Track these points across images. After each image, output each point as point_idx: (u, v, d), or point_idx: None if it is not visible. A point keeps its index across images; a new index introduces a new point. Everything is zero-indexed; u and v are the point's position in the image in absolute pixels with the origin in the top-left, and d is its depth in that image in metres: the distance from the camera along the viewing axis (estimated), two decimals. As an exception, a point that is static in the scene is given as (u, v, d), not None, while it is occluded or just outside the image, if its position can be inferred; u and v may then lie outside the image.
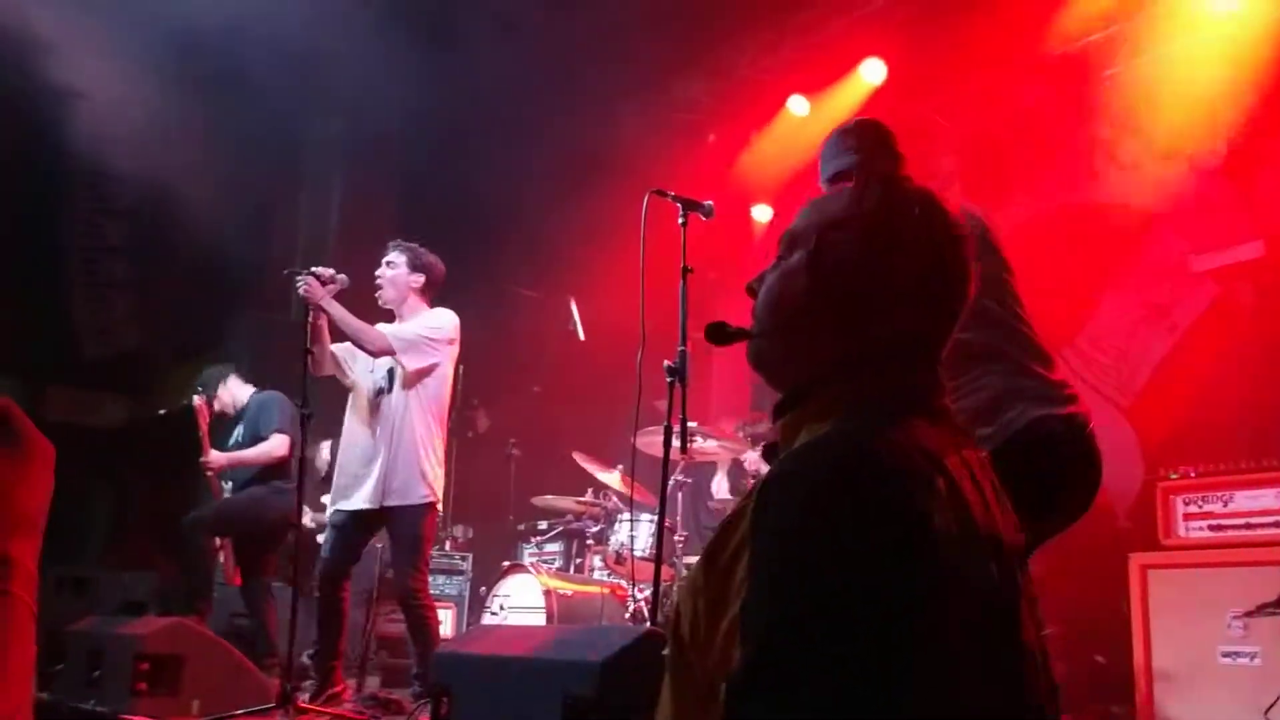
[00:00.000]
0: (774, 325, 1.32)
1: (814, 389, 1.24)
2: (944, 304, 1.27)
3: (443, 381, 4.66)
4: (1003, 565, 1.11)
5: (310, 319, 4.43)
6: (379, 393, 4.61)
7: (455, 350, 4.70)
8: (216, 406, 5.75)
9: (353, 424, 4.69)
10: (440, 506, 4.66)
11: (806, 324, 1.27)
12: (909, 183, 1.32)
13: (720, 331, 1.47)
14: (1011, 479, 2.23)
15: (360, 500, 4.52)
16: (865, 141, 2.82)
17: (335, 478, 4.68)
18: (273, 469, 5.52)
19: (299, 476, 4.38)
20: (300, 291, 4.41)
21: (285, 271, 4.65)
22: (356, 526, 4.60)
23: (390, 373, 4.61)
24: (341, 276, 4.53)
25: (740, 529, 1.13)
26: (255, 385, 5.87)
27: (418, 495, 4.48)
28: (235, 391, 5.79)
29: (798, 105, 7.39)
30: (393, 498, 4.48)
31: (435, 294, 4.78)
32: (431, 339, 4.58)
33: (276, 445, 5.44)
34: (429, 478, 4.53)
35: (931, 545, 1.00)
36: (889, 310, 1.23)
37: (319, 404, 4.52)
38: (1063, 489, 2.43)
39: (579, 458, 5.99)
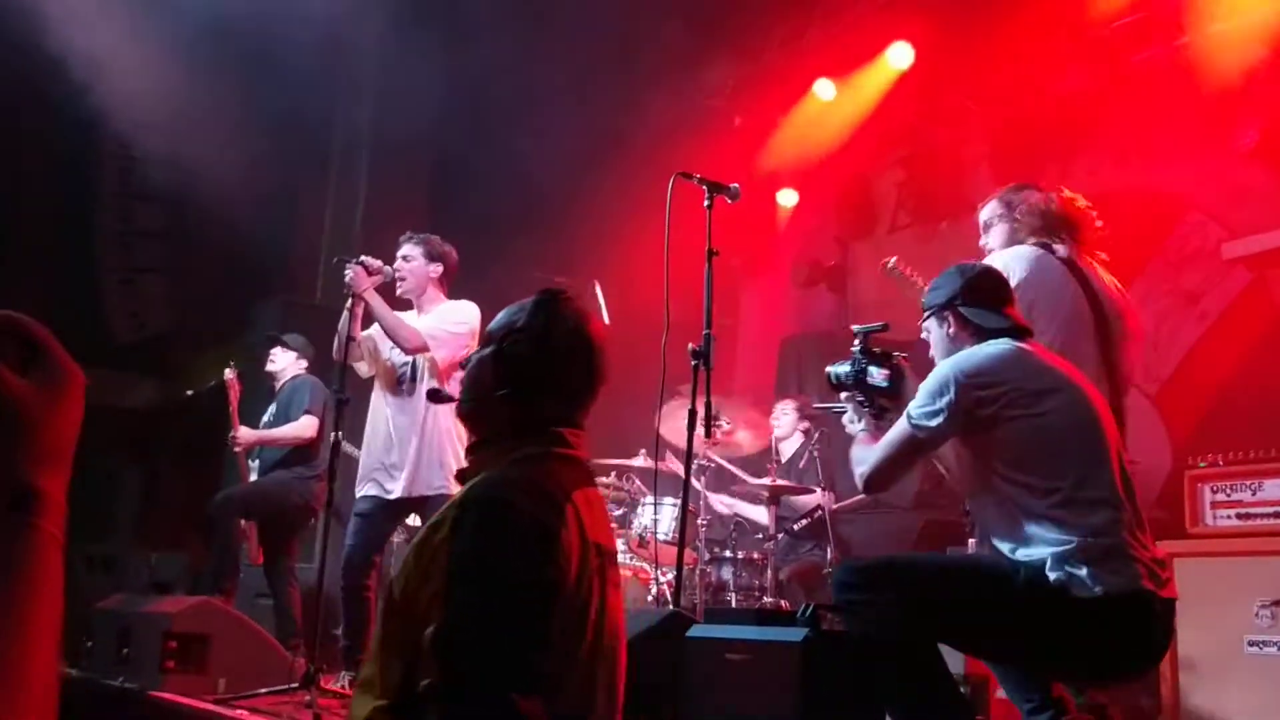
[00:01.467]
0: (470, 398, 2.00)
1: (494, 442, 1.93)
2: (584, 393, 1.96)
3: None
4: (602, 561, 1.82)
5: (349, 307, 4.46)
6: (400, 382, 4.63)
7: (476, 342, 4.71)
8: (270, 366, 5.78)
9: (378, 414, 4.71)
10: None
11: (490, 399, 1.91)
12: (572, 304, 2.00)
13: (436, 395, 2.35)
14: (1102, 633, 2.30)
15: (387, 489, 4.55)
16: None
17: (362, 466, 4.69)
18: (299, 453, 5.54)
19: (331, 461, 4.40)
20: (346, 279, 4.43)
21: (335, 259, 4.67)
22: (383, 515, 4.63)
23: (413, 364, 4.62)
24: (388, 269, 4.55)
25: (443, 530, 1.75)
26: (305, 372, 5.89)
27: (443, 486, 4.50)
28: (290, 367, 5.79)
29: (824, 89, 7.35)
30: (421, 488, 4.50)
31: (451, 282, 4.80)
32: (456, 332, 4.59)
33: (304, 427, 5.46)
34: (453, 471, 4.55)
35: (555, 547, 1.70)
36: (546, 394, 1.91)
37: (354, 390, 4.54)
38: (1137, 660, 2.63)
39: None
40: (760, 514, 5.70)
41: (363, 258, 4.52)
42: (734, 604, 5.17)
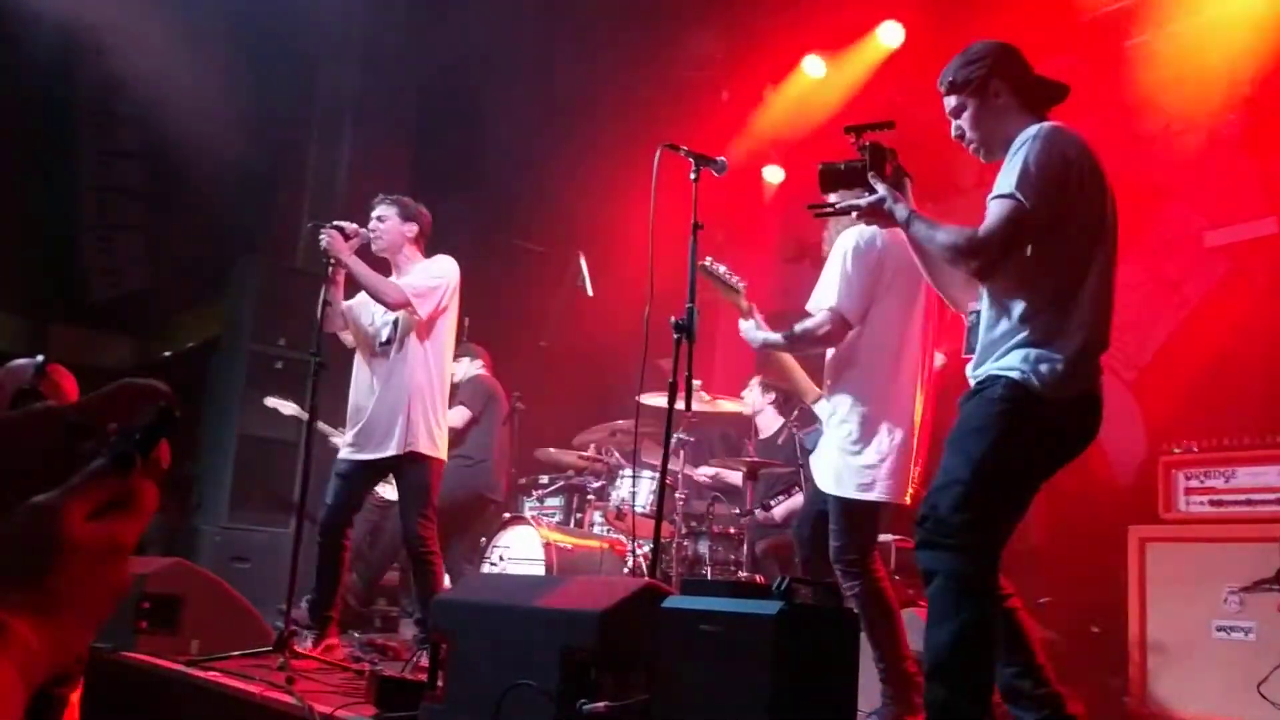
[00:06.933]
0: None
1: None
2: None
3: (446, 334, 4.68)
4: None
5: (329, 272, 4.46)
6: (383, 345, 4.65)
7: (457, 299, 4.71)
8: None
9: (359, 377, 4.74)
10: (444, 459, 4.68)
11: None
12: None
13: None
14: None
15: (367, 451, 4.57)
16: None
17: (346, 429, 4.75)
18: (455, 441, 5.48)
19: (307, 435, 4.42)
20: (323, 245, 4.44)
21: (310, 225, 4.66)
22: (362, 476, 4.65)
23: (394, 325, 4.63)
24: (363, 231, 4.56)
25: None
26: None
27: (423, 447, 4.51)
28: (464, 368, 6.12)
29: (813, 66, 7.31)
30: (394, 448, 4.51)
31: (426, 242, 4.80)
32: (435, 286, 4.60)
33: (452, 417, 5.40)
34: (434, 433, 4.56)
35: None
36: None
37: (328, 354, 4.52)
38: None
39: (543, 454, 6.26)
40: (739, 479, 5.71)
41: (337, 223, 4.51)
42: (709, 577, 5.19)
